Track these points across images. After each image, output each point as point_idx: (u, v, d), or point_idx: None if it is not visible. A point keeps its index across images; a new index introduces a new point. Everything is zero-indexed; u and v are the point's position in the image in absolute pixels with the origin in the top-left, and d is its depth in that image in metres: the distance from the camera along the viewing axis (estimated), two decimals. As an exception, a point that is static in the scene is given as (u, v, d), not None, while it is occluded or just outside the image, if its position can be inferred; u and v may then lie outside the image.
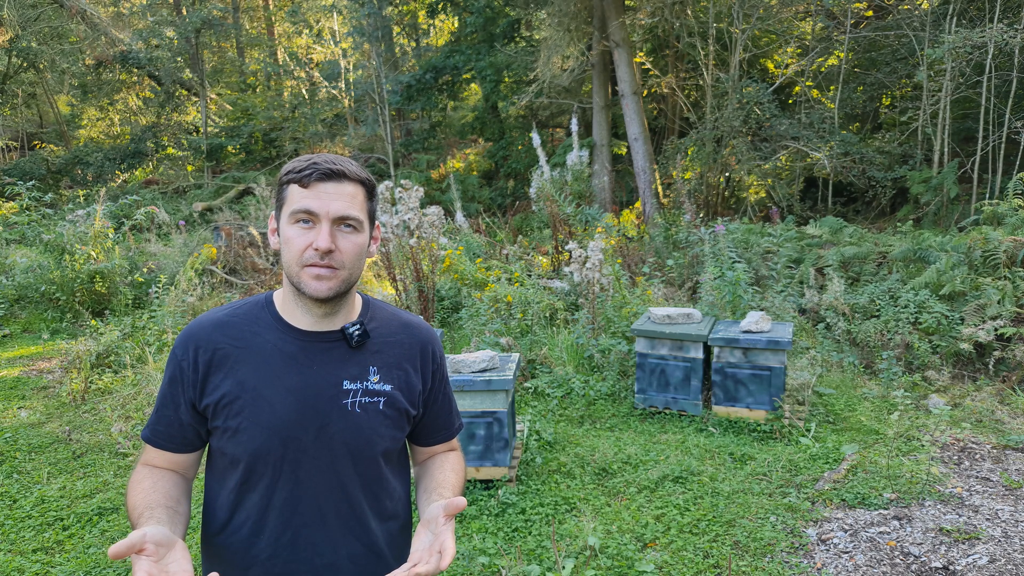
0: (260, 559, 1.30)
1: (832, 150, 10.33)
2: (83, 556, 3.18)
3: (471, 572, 2.93)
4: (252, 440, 1.26)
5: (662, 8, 11.33)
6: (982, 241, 5.94)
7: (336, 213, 1.23)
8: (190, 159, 19.42)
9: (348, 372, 1.31)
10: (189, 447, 1.34)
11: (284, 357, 1.29)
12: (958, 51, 8.62)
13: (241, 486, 1.29)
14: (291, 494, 1.28)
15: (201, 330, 1.31)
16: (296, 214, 1.23)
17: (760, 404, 4.45)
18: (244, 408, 1.26)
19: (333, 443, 1.28)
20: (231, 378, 1.27)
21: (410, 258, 6.37)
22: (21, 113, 21.21)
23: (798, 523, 3.29)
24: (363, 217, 1.27)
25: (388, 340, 1.37)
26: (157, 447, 1.33)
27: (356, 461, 1.31)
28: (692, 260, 7.18)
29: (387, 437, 1.34)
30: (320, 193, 1.22)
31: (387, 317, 1.41)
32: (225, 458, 1.31)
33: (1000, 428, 4.32)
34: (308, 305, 1.29)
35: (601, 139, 13.07)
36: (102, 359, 5.93)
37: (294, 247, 1.23)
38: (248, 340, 1.30)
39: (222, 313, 1.34)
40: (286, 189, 1.26)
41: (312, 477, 1.28)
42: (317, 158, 1.25)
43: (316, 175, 1.22)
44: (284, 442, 1.26)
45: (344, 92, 18.01)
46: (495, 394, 3.64)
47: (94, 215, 8.08)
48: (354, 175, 1.26)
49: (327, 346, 1.31)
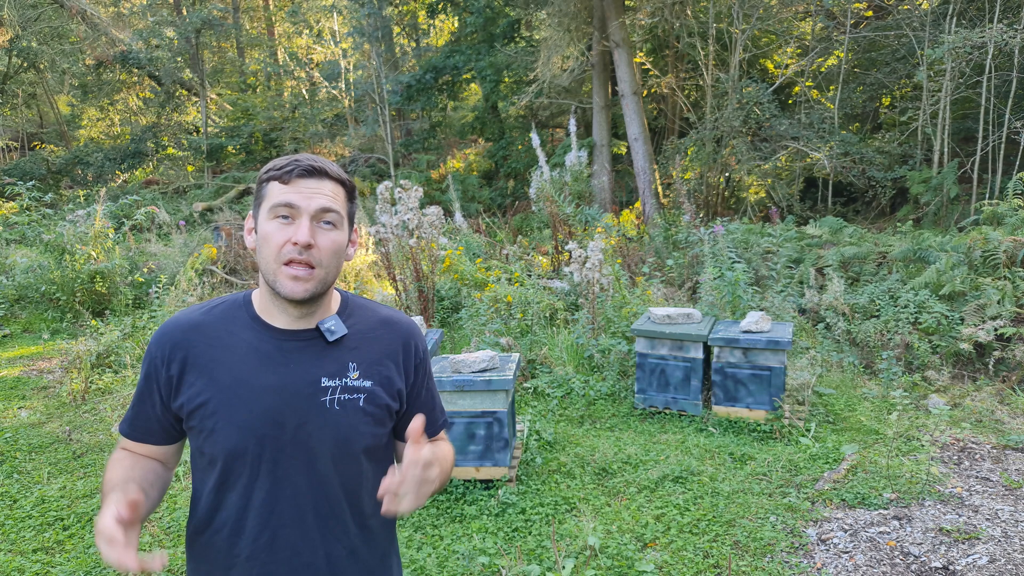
0: (240, 559, 1.29)
1: (832, 150, 10.33)
2: (83, 556, 3.18)
3: (471, 572, 2.93)
4: (228, 440, 1.25)
5: (662, 8, 11.34)
6: (982, 241, 5.94)
7: (316, 207, 1.23)
8: (190, 159, 19.42)
9: (326, 369, 1.30)
10: (168, 439, 1.36)
11: (260, 356, 1.28)
12: (958, 51, 8.63)
13: (220, 486, 1.29)
14: (269, 494, 1.27)
15: (177, 330, 1.31)
16: (276, 208, 1.23)
17: (760, 404, 4.45)
18: (219, 408, 1.26)
19: (312, 441, 1.27)
20: (204, 378, 1.27)
21: (410, 258, 6.37)
22: (21, 113, 21.22)
23: (798, 523, 3.29)
24: (342, 213, 1.27)
25: (368, 336, 1.36)
26: (135, 440, 1.35)
27: (336, 459, 1.30)
28: (692, 260, 7.18)
29: (367, 434, 1.32)
30: (301, 188, 1.23)
31: (366, 313, 1.40)
32: (204, 457, 1.30)
33: (1000, 428, 4.32)
34: (284, 305, 1.28)
35: (601, 139, 13.07)
36: (102, 359, 5.93)
37: (272, 242, 1.23)
38: (224, 340, 1.30)
39: (198, 313, 1.34)
40: (266, 187, 1.26)
41: (290, 476, 1.27)
42: (299, 157, 1.26)
43: (297, 172, 1.23)
44: (260, 441, 1.25)
45: (344, 92, 18.02)
46: (495, 394, 3.64)
47: (94, 215, 8.08)
48: (335, 174, 1.27)
49: (303, 344, 1.30)
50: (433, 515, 3.45)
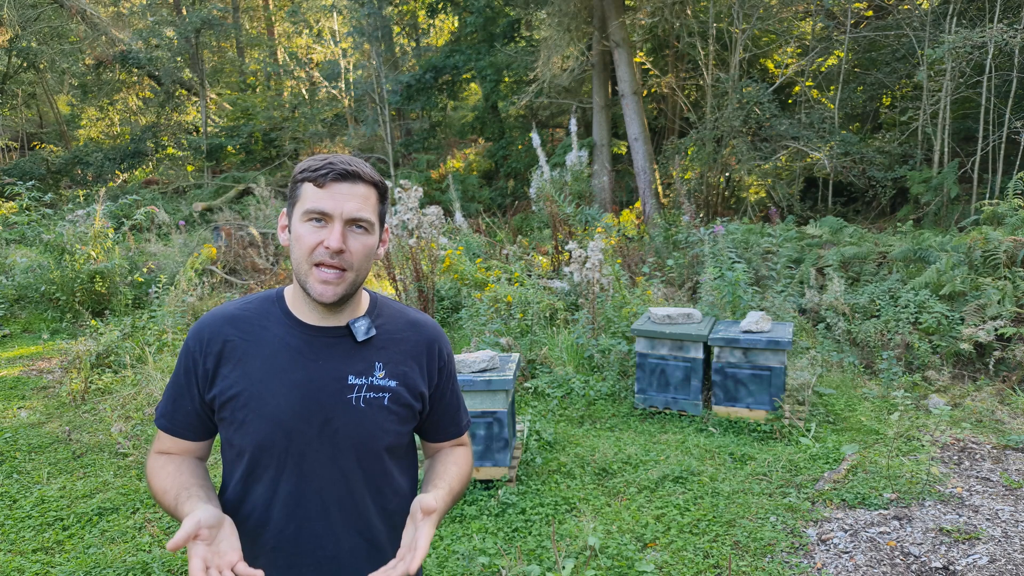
0: (266, 549, 1.32)
1: (832, 150, 10.33)
2: (83, 556, 3.17)
3: (471, 572, 2.93)
4: (257, 432, 1.28)
5: (662, 8, 11.33)
6: (982, 241, 5.93)
7: (349, 214, 1.25)
8: (190, 159, 19.42)
9: (353, 367, 1.33)
10: (207, 434, 1.38)
11: (290, 351, 1.31)
12: (958, 51, 8.62)
13: (247, 477, 1.32)
14: (295, 487, 1.30)
15: (213, 322, 1.34)
16: (309, 213, 1.25)
17: (760, 404, 4.45)
18: (250, 400, 1.29)
19: (337, 437, 1.30)
20: (239, 370, 1.30)
21: (410, 258, 6.37)
22: (21, 113, 21.22)
23: (798, 523, 3.29)
24: (374, 219, 1.30)
25: (395, 337, 1.39)
26: (176, 436, 1.36)
27: (360, 456, 1.32)
28: (692, 260, 7.18)
29: (391, 432, 1.35)
30: (334, 193, 1.25)
31: (394, 314, 1.43)
32: (232, 449, 1.33)
33: (1000, 428, 4.32)
34: (314, 305, 1.32)
35: (601, 139, 13.07)
36: (102, 359, 5.93)
37: (305, 245, 1.25)
38: (257, 334, 1.33)
39: (233, 307, 1.37)
40: (300, 187, 1.28)
41: (316, 471, 1.30)
42: (333, 158, 1.27)
43: (332, 175, 1.24)
44: (288, 435, 1.28)
45: (344, 92, 18.01)
46: (495, 394, 3.64)
47: (94, 215, 8.08)
48: (368, 177, 1.28)
49: (333, 341, 1.33)
50: (433, 515, 3.45)
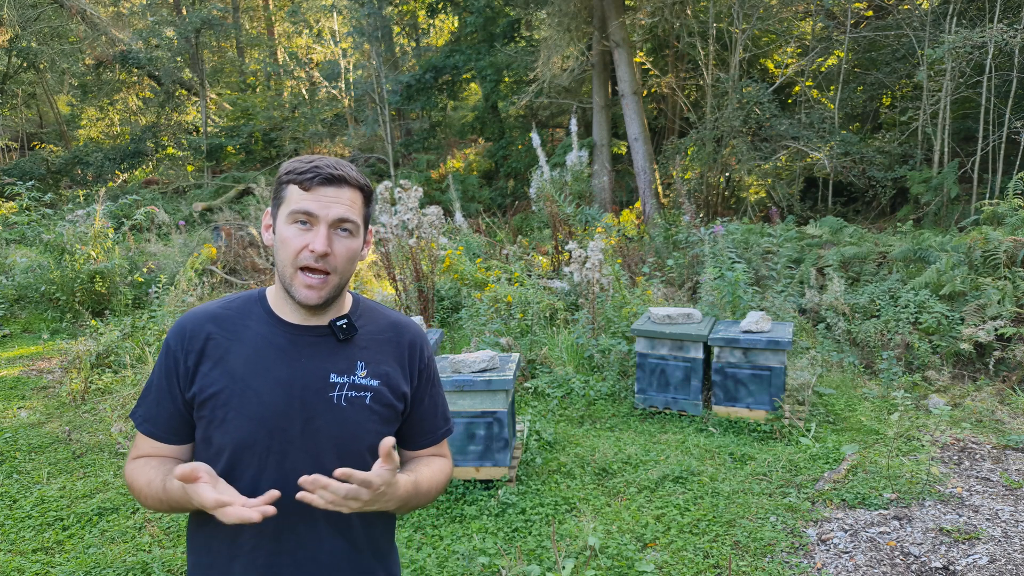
0: (244, 550, 1.30)
1: (832, 150, 10.33)
2: (83, 556, 3.17)
3: (471, 572, 2.93)
4: (239, 430, 1.27)
5: (662, 8, 11.33)
6: (982, 241, 5.94)
7: (335, 216, 1.26)
8: (190, 159, 19.42)
9: (336, 366, 1.33)
10: (189, 438, 1.36)
11: (274, 349, 1.31)
12: (958, 51, 8.62)
13: (226, 476, 1.28)
14: (275, 486, 1.27)
15: (195, 320, 1.34)
16: (295, 215, 1.25)
17: (760, 404, 4.45)
18: (232, 398, 1.28)
19: (319, 436, 1.30)
20: (220, 367, 1.29)
21: (410, 258, 6.37)
22: (21, 113, 21.22)
23: (798, 523, 3.29)
24: (359, 222, 1.30)
25: (377, 338, 1.39)
26: (159, 440, 1.34)
27: (342, 455, 1.31)
28: (692, 260, 7.18)
29: (373, 432, 1.34)
30: (320, 196, 1.25)
31: (376, 316, 1.43)
32: (210, 448, 1.30)
33: (1000, 428, 4.32)
34: (297, 305, 1.32)
35: (601, 139, 13.07)
36: (102, 359, 5.93)
37: (290, 247, 1.26)
38: (240, 332, 1.32)
39: (215, 306, 1.37)
40: (285, 188, 1.28)
41: (297, 470, 1.28)
42: (319, 161, 1.27)
43: (319, 180, 1.25)
44: (271, 433, 1.28)
45: (344, 92, 18.01)
46: (495, 394, 3.64)
47: (94, 215, 8.08)
48: (354, 180, 1.29)
49: (316, 339, 1.33)
50: (433, 515, 3.45)
